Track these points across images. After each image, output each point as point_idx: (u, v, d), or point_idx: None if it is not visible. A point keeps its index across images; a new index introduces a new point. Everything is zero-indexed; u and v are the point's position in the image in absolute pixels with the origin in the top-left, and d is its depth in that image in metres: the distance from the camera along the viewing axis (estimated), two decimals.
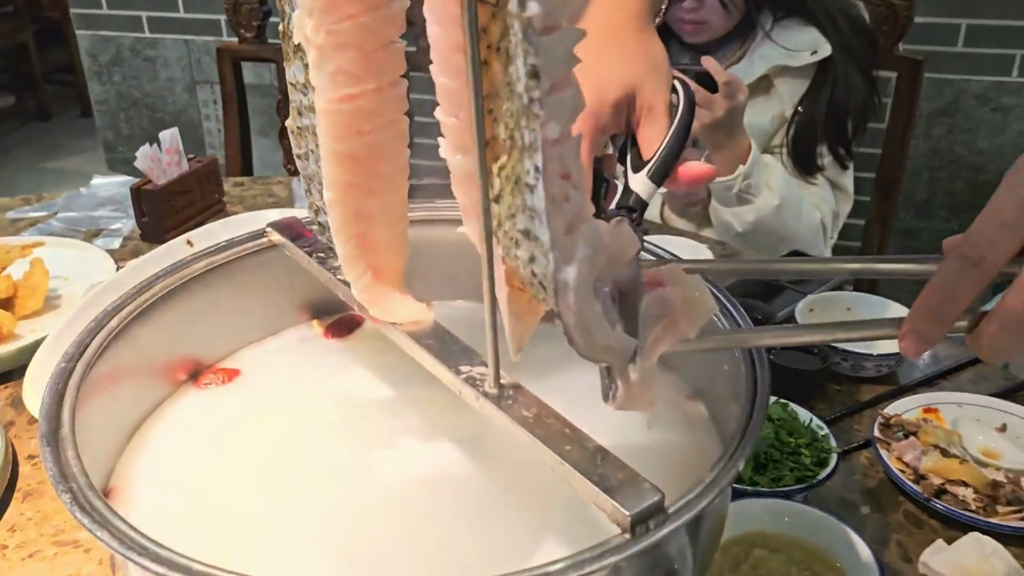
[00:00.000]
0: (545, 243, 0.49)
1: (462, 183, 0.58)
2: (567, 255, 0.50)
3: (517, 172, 0.50)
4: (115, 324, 0.74)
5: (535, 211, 0.49)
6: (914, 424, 1.05)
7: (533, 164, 0.48)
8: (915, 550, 0.92)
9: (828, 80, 1.70)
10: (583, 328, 0.51)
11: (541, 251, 0.50)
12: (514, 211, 0.52)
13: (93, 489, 0.58)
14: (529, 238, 0.51)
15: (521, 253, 0.52)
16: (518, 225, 0.51)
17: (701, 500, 0.55)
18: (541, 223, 0.49)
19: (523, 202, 0.50)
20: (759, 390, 0.64)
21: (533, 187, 0.49)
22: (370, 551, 0.65)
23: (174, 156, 1.56)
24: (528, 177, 0.49)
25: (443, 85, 0.56)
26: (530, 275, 0.53)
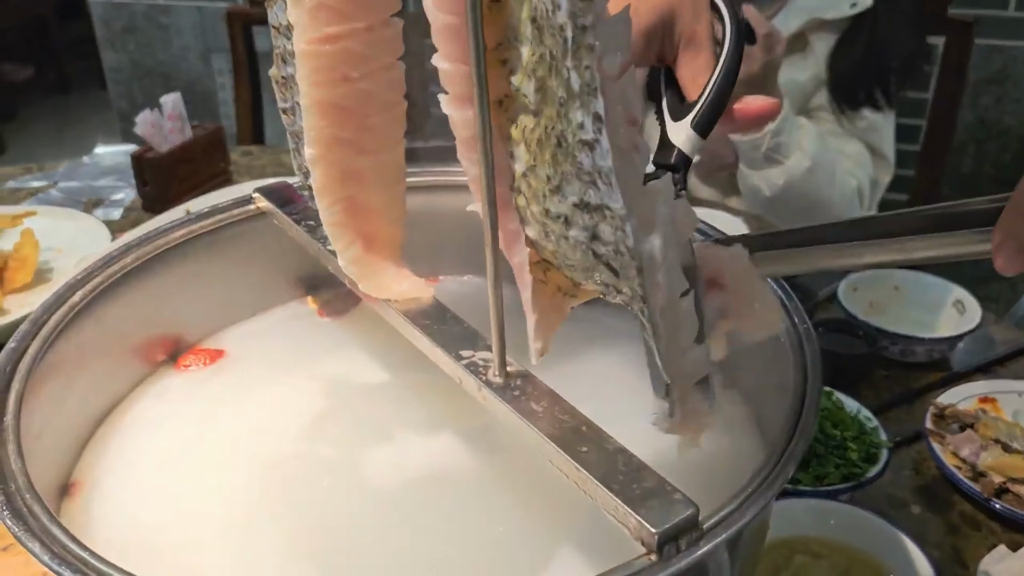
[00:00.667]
0: (618, 210, 0.39)
1: (470, 146, 0.48)
2: (647, 221, 0.40)
3: (558, 132, 0.41)
4: (78, 299, 0.65)
5: (598, 173, 0.39)
6: (971, 415, 0.96)
7: (591, 113, 0.38)
8: (972, 556, 0.83)
9: (864, 32, 1.61)
10: (672, 319, 0.42)
11: (611, 223, 0.40)
12: (559, 182, 0.42)
13: (33, 491, 0.50)
14: (589, 210, 0.41)
15: (576, 233, 0.42)
16: (568, 198, 0.42)
17: (742, 515, 0.46)
18: (610, 187, 0.39)
19: (575, 167, 0.40)
20: (809, 382, 0.55)
21: (593, 143, 0.39)
22: (356, 560, 0.57)
23: (176, 122, 1.48)
24: (583, 132, 0.39)
25: (441, 23, 0.46)
26: (591, 259, 0.43)
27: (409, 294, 0.61)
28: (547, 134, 0.42)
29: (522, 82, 0.43)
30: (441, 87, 0.48)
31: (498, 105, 0.45)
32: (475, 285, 0.83)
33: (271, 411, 0.70)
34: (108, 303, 0.68)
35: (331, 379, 0.73)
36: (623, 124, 0.39)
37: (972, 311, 1.11)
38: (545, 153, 0.42)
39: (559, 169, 0.41)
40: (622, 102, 0.39)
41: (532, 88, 0.41)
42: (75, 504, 0.63)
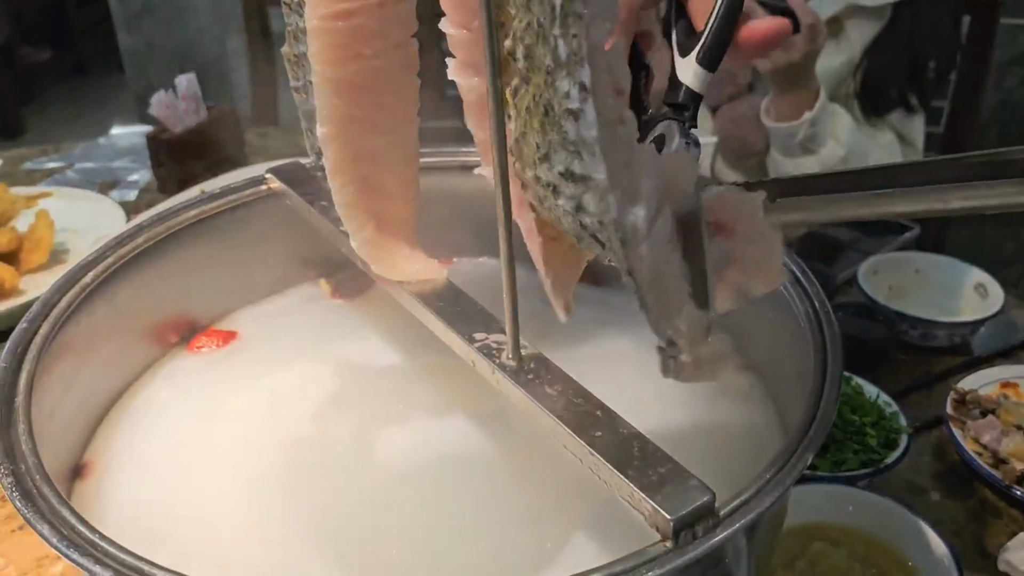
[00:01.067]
0: (600, 182, 0.38)
1: (477, 111, 0.48)
2: (631, 193, 0.39)
3: (545, 99, 0.40)
4: (89, 280, 0.65)
5: (583, 143, 0.38)
6: (992, 401, 0.94)
7: (576, 82, 0.37)
8: (993, 544, 0.82)
9: (904, 23, 1.57)
10: (659, 287, 0.41)
11: (595, 194, 0.39)
12: (546, 151, 0.41)
13: (43, 472, 0.50)
14: (574, 180, 0.40)
15: (563, 203, 0.42)
16: (555, 167, 0.41)
17: (760, 501, 0.45)
18: (593, 157, 0.38)
19: (561, 136, 0.40)
20: (830, 367, 0.54)
21: (578, 113, 0.38)
22: (368, 546, 0.56)
23: (191, 103, 1.47)
24: (569, 101, 0.38)
25: None
26: (578, 228, 0.42)
27: (422, 276, 0.61)
28: (535, 102, 0.41)
29: (513, 47, 0.41)
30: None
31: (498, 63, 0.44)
32: (489, 267, 0.82)
33: (284, 393, 0.69)
34: (120, 284, 0.68)
35: (344, 361, 0.72)
36: (609, 94, 0.38)
37: (995, 295, 1.09)
38: (534, 121, 0.41)
39: (547, 138, 0.40)
40: (609, 72, 0.38)
41: (521, 55, 0.40)
42: (87, 485, 0.63)
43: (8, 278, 1.14)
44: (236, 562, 0.56)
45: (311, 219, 0.69)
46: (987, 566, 0.80)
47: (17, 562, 0.80)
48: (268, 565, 0.56)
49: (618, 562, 0.42)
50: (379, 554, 0.56)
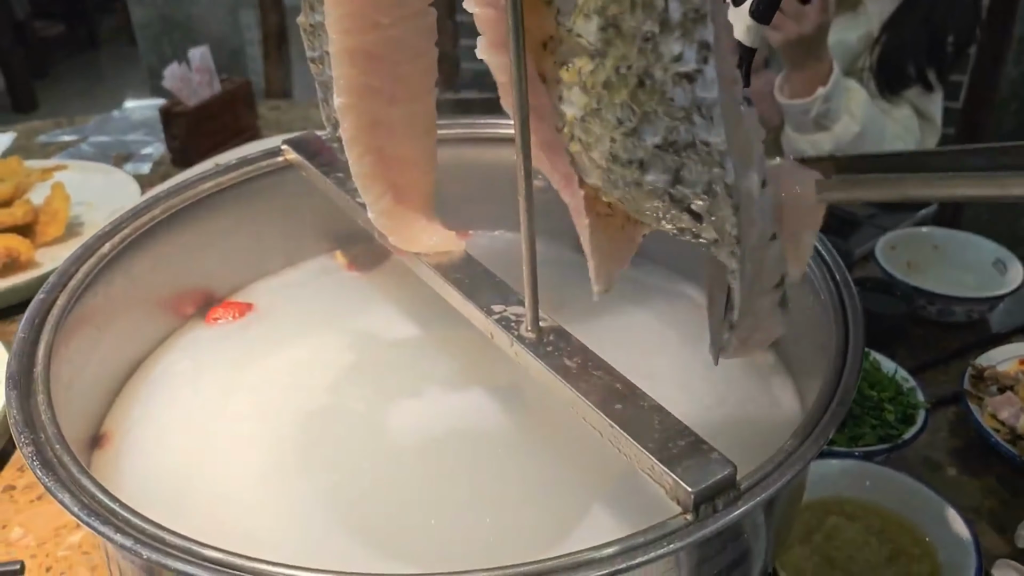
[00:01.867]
0: (718, 145, 0.37)
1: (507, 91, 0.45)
2: (746, 156, 0.38)
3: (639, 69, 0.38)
4: (107, 251, 0.65)
5: (697, 107, 0.37)
6: (1011, 377, 0.93)
7: (695, 42, 0.36)
8: (1010, 520, 0.81)
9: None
10: (758, 259, 0.40)
11: (706, 160, 0.38)
12: (635, 124, 0.39)
13: (63, 441, 0.50)
14: (675, 150, 0.39)
15: (652, 178, 0.40)
16: (648, 140, 0.39)
17: (781, 475, 0.45)
18: (710, 121, 0.37)
19: (664, 105, 0.38)
20: (851, 342, 0.54)
21: (694, 74, 0.37)
22: (380, 517, 0.56)
23: (205, 76, 1.46)
24: (679, 64, 0.37)
25: None
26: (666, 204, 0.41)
27: (440, 248, 0.60)
28: (619, 75, 0.39)
29: (577, 22, 0.40)
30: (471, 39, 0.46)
31: (542, 47, 0.43)
32: (507, 240, 0.81)
33: (300, 365, 0.70)
34: (137, 255, 0.68)
35: (360, 333, 0.72)
36: (729, 53, 0.37)
37: (1014, 271, 1.08)
38: (616, 95, 0.40)
39: (641, 109, 0.39)
40: (727, 29, 0.37)
41: (594, 27, 0.39)
42: (105, 455, 0.63)
43: (24, 250, 1.14)
44: (253, 531, 0.56)
45: (327, 190, 0.69)
46: (1005, 543, 0.79)
47: (36, 532, 0.81)
48: (285, 535, 0.56)
49: (639, 534, 0.42)
50: (395, 525, 0.56)
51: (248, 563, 0.41)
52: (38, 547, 0.79)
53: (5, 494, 0.86)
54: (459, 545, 0.55)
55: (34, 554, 0.78)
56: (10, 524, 0.82)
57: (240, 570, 0.41)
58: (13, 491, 0.87)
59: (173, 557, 0.42)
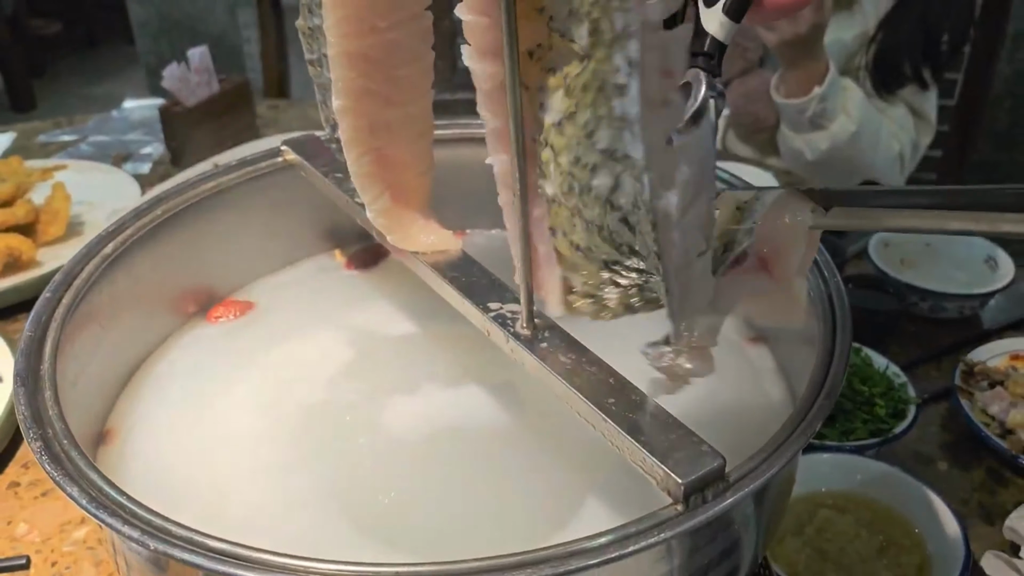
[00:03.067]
0: (638, 161, 0.39)
1: (495, 98, 0.47)
2: (666, 177, 0.40)
3: (603, 74, 0.40)
4: (110, 251, 0.66)
5: (625, 120, 0.39)
6: (1001, 372, 0.95)
7: (625, 57, 0.38)
8: (999, 512, 0.83)
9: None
10: (686, 277, 0.42)
11: (631, 173, 0.40)
12: (594, 127, 0.41)
13: (70, 436, 0.51)
14: (614, 158, 0.41)
15: (599, 182, 0.42)
16: (599, 144, 0.41)
17: (769, 466, 0.46)
18: (633, 136, 0.39)
19: (608, 111, 0.40)
20: (839, 336, 0.55)
21: (624, 88, 0.39)
22: (378, 510, 0.57)
23: (203, 76, 1.47)
24: (618, 76, 0.39)
25: None
26: (606, 212, 0.43)
27: (437, 247, 0.61)
28: (593, 77, 0.41)
29: (572, 26, 0.42)
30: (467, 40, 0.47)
31: (528, 56, 0.44)
32: (502, 239, 0.81)
33: (300, 362, 0.71)
34: (139, 255, 0.69)
35: (358, 330, 0.73)
36: (655, 74, 0.38)
37: (1005, 268, 1.09)
38: (587, 97, 0.41)
39: (596, 113, 0.41)
40: (660, 52, 0.38)
41: (584, 31, 0.41)
42: (110, 451, 0.64)
43: (25, 250, 1.15)
44: (254, 524, 0.57)
45: (326, 190, 0.70)
46: (992, 534, 0.81)
47: (41, 527, 0.82)
48: (285, 527, 0.57)
49: (630, 524, 0.43)
50: (392, 517, 0.57)
51: (252, 553, 0.43)
52: (43, 543, 0.81)
53: (10, 490, 0.87)
54: (455, 536, 0.56)
55: (39, 549, 0.80)
56: (15, 520, 0.83)
57: (244, 560, 0.43)
58: (17, 487, 0.88)
59: (179, 547, 0.43)
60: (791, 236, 0.48)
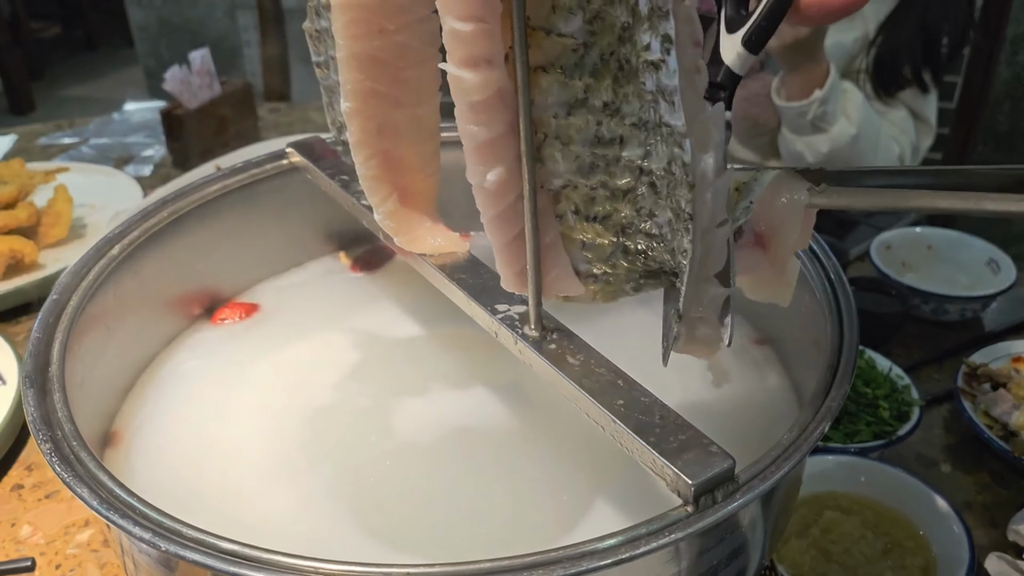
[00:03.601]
0: (679, 128, 0.41)
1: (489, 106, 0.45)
2: (703, 140, 0.41)
3: (620, 56, 0.43)
4: (116, 252, 0.66)
5: (662, 93, 0.41)
6: (1004, 375, 0.95)
7: (660, 34, 0.40)
8: (1002, 514, 0.83)
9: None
10: (707, 243, 0.43)
11: (668, 140, 0.42)
12: (618, 106, 0.44)
13: (79, 438, 0.51)
14: (645, 129, 0.43)
15: (628, 154, 0.44)
16: (626, 119, 0.43)
17: (778, 468, 0.46)
18: (672, 106, 0.40)
19: (637, 89, 0.42)
20: (846, 337, 0.55)
21: (659, 63, 0.40)
22: (387, 511, 0.58)
23: (205, 78, 1.48)
24: (649, 53, 0.40)
25: None
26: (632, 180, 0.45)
27: (444, 249, 0.61)
28: (603, 62, 0.43)
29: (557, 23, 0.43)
30: None
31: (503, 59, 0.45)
32: None
33: (306, 363, 0.71)
34: (145, 257, 0.69)
35: (364, 333, 0.74)
36: (689, 45, 0.40)
37: (1006, 270, 1.09)
38: (602, 80, 0.43)
39: (621, 91, 0.43)
40: (688, 23, 0.40)
41: (579, 22, 0.42)
42: (116, 453, 0.64)
43: (28, 252, 1.15)
44: (260, 526, 0.57)
45: (333, 193, 0.70)
46: (997, 536, 0.81)
47: (44, 530, 0.82)
48: (294, 530, 0.57)
49: (641, 525, 0.43)
50: (400, 518, 0.57)
51: (263, 554, 0.43)
52: (47, 545, 0.80)
53: (13, 493, 0.87)
54: (462, 538, 0.56)
55: (43, 552, 0.80)
56: (19, 522, 0.83)
57: (255, 561, 0.43)
58: (21, 490, 0.88)
59: (191, 549, 0.43)
60: (788, 214, 0.49)
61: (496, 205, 0.48)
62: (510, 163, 0.47)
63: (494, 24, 0.44)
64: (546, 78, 0.45)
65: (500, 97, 0.45)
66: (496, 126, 0.46)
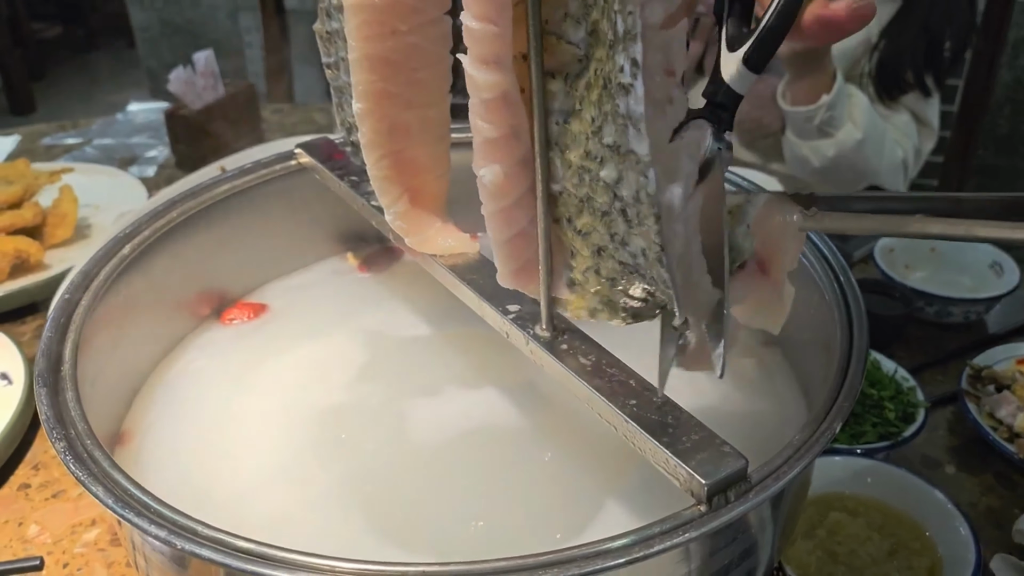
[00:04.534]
0: (643, 157, 0.40)
1: (495, 107, 0.46)
2: (671, 171, 0.41)
3: (605, 73, 0.42)
4: (127, 252, 0.66)
5: (630, 118, 0.40)
6: (1008, 377, 0.95)
7: (629, 58, 0.39)
8: (1007, 516, 0.83)
9: (921, 2, 1.56)
10: (686, 263, 0.43)
11: (635, 168, 0.41)
12: (601, 123, 0.43)
13: (93, 436, 0.51)
14: (619, 153, 0.42)
15: (606, 173, 0.43)
16: (606, 138, 0.42)
17: (791, 468, 0.46)
18: (639, 133, 0.40)
19: (613, 109, 0.41)
20: (856, 338, 0.55)
21: (629, 88, 0.39)
22: (397, 510, 0.58)
23: (209, 79, 1.48)
24: (622, 76, 0.40)
25: None
26: (608, 201, 0.44)
27: (455, 249, 0.62)
28: (595, 76, 0.42)
29: (567, 29, 0.43)
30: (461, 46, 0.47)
31: (521, 59, 0.45)
32: None
33: (314, 363, 0.71)
34: (155, 257, 0.69)
35: (373, 333, 0.74)
36: (660, 73, 0.39)
37: (1010, 273, 1.10)
38: (592, 95, 0.42)
39: (603, 109, 0.42)
40: (663, 51, 0.39)
41: (582, 33, 0.42)
42: (126, 453, 0.64)
43: (33, 252, 1.15)
44: (273, 526, 0.57)
45: (342, 193, 0.71)
46: (1001, 537, 0.81)
47: (52, 529, 0.82)
48: (304, 530, 0.57)
49: (654, 524, 0.44)
50: (412, 517, 0.57)
51: (279, 553, 0.43)
52: (54, 544, 0.81)
53: (20, 492, 0.87)
54: (473, 538, 0.56)
55: (51, 551, 0.80)
56: (26, 522, 0.83)
57: (271, 559, 0.43)
58: (28, 489, 0.88)
59: (206, 547, 0.43)
60: (784, 235, 0.49)
61: (495, 202, 0.49)
62: (508, 166, 0.48)
63: (503, 27, 0.44)
64: (553, 83, 0.45)
65: (504, 100, 0.46)
66: (499, 127, 0.47)
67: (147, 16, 3.36)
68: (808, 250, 0.64)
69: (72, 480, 0.87)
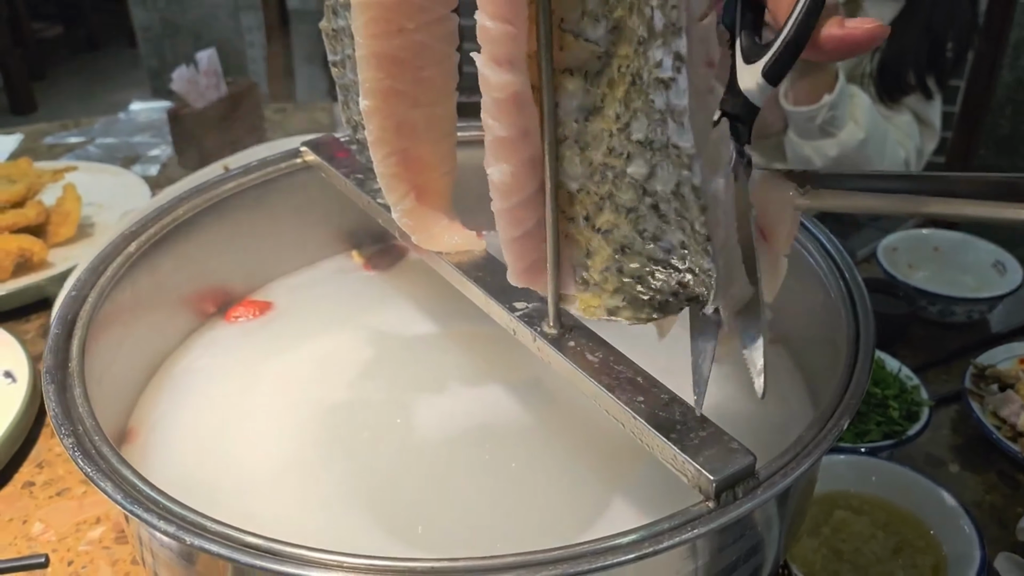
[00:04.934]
0: (687, 150, 0.40)
1: (506, 108, 0.46)
2: (714, 161, 0.41)
3: (634, 69, 0.41)
4: (133, 250, 0.67)
5: (671, 113, 0.40)
6: (1011, 376, 0.95)
7: (672, 52, 0.39)
8: (1011, 515, 0.83)
9: (923, 3, 1.56)
10: (727, 252, 0.43)
11: (676, 162, 0.41)
12: (627, 120, 0.42)
13: (101, 433, 0.51)
14: (653, 148, 0.42)
15: (633, 170, 0.43)
16: (634, 135, 0.42)
17: (799, 464, 0.47)
18: (681, 127, 0.39)
19: (647, 106, 0.41)
20: (862, 336, 0.55)
21: (670, 82, 0.39)
22: (402, 508, 0.58)
23: (212, 79, 1.48)
24: (660, 71, 0.39)
25: None
26: (635, 198, 0.44)
27: (461, 247, 0.62)
28: (619, 73, 0.42)
29: (586, 27, 0.43)
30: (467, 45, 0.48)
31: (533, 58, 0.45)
32: None
33: (320, 361, 0.71)
34: (161, 254, 0.69)
35: (378, 331, 0.74)
36: (701, 65, 0.39)
37: (1013, 272, 1.10)
38: (617, 91, 0.42)
39: (630, 106, 0.42)
40: (703, 43, 0.39)
41: (602, 30, 0.42)
42: (132, 450, 0.64)
43: (37, 251, 1.15)
44: (278, 523, 0.57)
45: (348, 191, 0.71)
46: (1005, 536, 0.81)
47: (56, 527, 0.82)
48: (308, 525, 0.57)
49: (662, 521, 0.44)
50: (417, 515, 0.57)
51: (288, 548, 0.43)
52: (59, 542, 0.81)
53: (24, 490, 0.87)
54: (480, 535, 0.56)
55: (55, 548, 0.80)
56: (31, 519, 0.83)
57: (278, 555, 0.43)
58: (32, 487, 0.88)
59: (215, 542, 0.43)
60: (781, 209, 0.49)
61: (504, 200, 0.49)
62: (517, 167, 0.48)
63: (519, 28, 0.44)
64: (572, 81, 0.44)
65: (516, 101, 0.46)
66: (509, 128, 0.46)
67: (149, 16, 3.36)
68: (813, 248, 0.64)
69: (76, 478, 0.88)
